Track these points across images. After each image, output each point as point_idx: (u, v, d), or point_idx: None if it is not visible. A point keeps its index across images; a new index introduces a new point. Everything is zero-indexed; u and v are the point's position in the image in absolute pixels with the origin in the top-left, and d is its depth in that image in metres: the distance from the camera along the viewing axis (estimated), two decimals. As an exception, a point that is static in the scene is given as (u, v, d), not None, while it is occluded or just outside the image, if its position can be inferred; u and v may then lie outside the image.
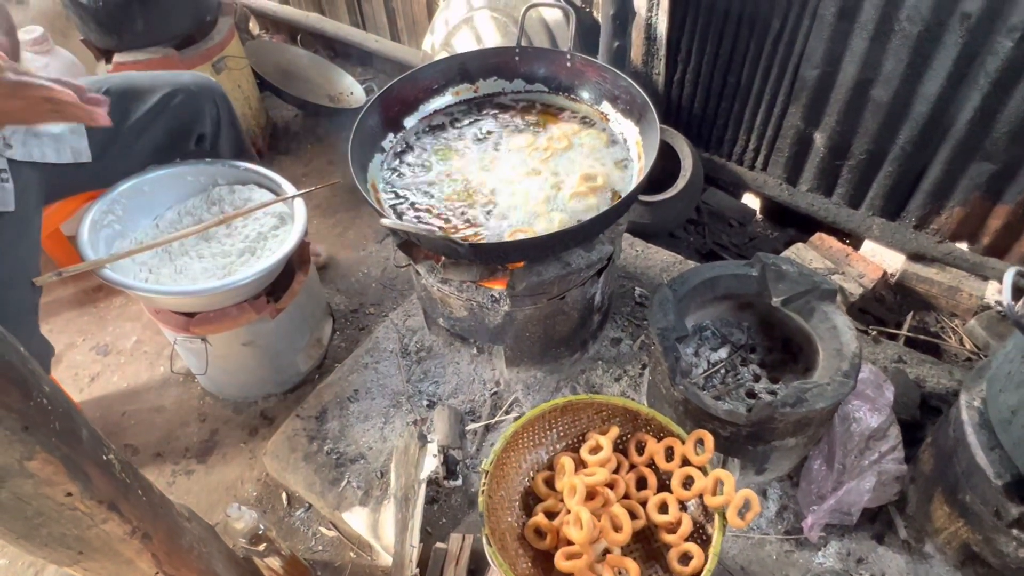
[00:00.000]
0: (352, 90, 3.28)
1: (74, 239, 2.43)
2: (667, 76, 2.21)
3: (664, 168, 2.19)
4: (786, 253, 2.09)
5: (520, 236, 1.37)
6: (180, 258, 1.70)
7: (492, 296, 1.53)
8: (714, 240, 2.32)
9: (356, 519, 1.53)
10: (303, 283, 1.84)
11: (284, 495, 1.74)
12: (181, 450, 1.89)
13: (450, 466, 1.56)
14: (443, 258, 1.52)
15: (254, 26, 3.59)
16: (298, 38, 3.41)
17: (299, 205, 1.78)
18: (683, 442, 1.31)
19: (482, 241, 1.39)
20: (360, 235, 2.51)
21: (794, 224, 2.34)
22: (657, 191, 2.16)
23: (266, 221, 1.78)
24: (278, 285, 1.80)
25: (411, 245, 1.56)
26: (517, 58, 1.73)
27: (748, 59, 2.03)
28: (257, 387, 1.96)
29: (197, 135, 1.84)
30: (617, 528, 1.21)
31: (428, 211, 1.50)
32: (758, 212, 2.41)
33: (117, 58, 2.34)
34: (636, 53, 2.20)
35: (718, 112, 2.21)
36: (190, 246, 1.72)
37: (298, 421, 1.75)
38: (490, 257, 1.37)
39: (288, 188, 1.83)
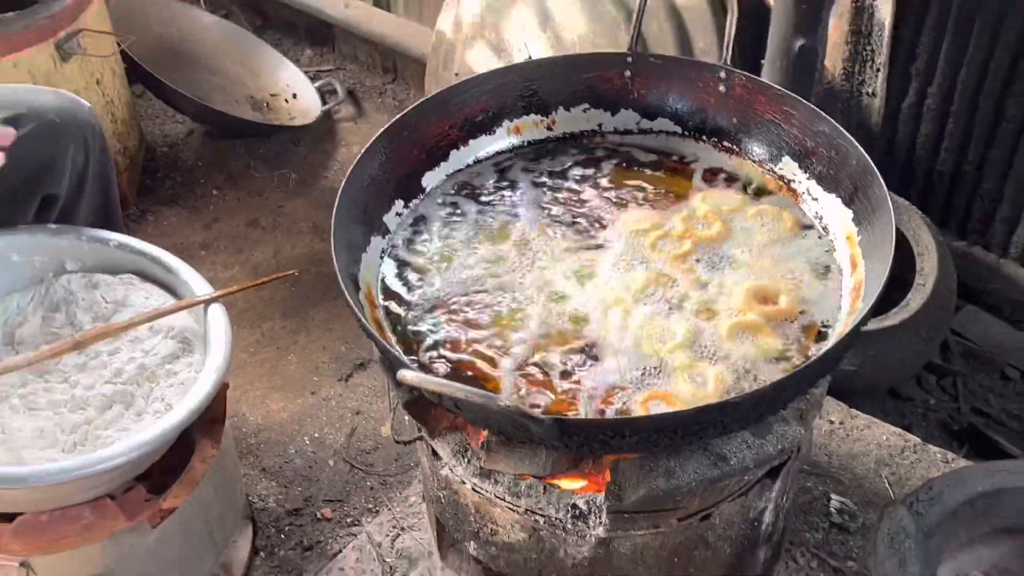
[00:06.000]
0: (295, 90, 3.43)
1: None
2: (890, 100, 2.33)
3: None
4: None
5: (662, 408, 1.44)
6: (-7, 409, 1.76)
7: (575, 508, 1.58)
8: (975, 406, 2.37)
9: None
10: (210, 462, 1.89)
11: None
12: None
13: None
14: (485, 433, 1.58)
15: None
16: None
17: (216, 317, 1.86)
18: None
19: (571, 412, 1.45)
20: (307, 366, 2.58)
21: None
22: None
23: (156, 345, 1.86)
24: (165, 466, 1.85)
25: (425, 405, 1.63)
26: (628, 72, 1.84)
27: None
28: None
29: (43, 196, 1.94)
30: None
31: (462, 348, 1.58)
32: (1058, 354, 2.48)
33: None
34: (833, 59, 2.34)
35: (983, 168, 2.30)
36: (12, 388, 1.78)
37: None
38: (586, 442, 1.44)
39: (196, 284, 1.91)
